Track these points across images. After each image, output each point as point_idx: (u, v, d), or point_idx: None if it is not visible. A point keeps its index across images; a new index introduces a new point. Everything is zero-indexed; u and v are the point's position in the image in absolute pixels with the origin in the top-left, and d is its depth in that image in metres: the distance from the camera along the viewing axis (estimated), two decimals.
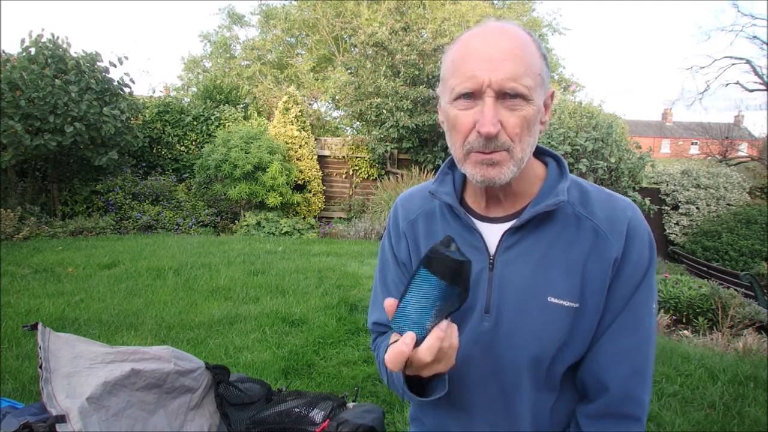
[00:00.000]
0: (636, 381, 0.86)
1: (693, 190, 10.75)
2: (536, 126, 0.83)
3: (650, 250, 0.86)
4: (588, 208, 0.88)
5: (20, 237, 6.62)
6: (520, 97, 0.78)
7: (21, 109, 6.75)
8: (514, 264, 0.87)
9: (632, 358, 0.86)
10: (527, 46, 0.80)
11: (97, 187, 8.18)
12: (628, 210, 0.87)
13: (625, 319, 0.85)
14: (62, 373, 1.25)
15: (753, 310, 5.01)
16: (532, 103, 0.79)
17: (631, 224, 0.86)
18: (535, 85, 0.80)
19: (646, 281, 0.86)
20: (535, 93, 0.80)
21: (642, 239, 0.86)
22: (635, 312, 0.86)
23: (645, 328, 0.86)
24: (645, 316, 0.86)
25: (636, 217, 0.87)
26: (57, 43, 7.48)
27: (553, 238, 0.87)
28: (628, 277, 0.85)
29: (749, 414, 2.50)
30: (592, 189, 0.92)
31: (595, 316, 0.86)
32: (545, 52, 0.84)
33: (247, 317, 3.76)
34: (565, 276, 0.85)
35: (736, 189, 10.92)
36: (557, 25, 22.14)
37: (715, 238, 10.21)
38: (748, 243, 9.93)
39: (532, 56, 0.80)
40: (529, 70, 0.79)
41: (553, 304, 0.85)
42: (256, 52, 19.35)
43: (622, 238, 0.84)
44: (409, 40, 9.64)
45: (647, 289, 0.86)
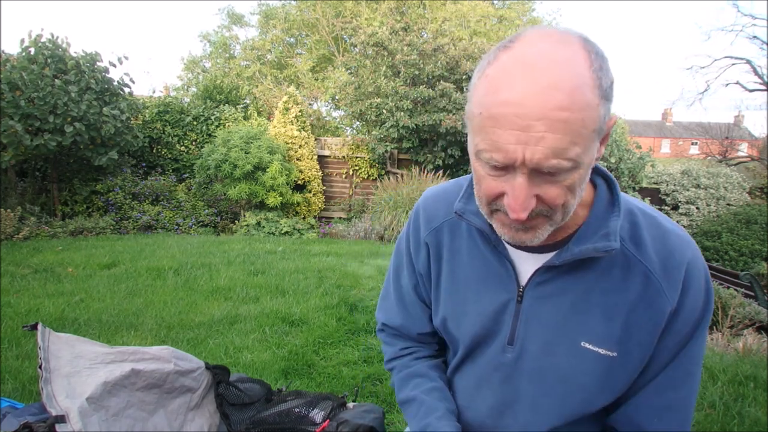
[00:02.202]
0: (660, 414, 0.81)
1: (693, 190, 10.76)
2: (585, 179, 0.68)
3: (707, 295, 0.76)
4: (641, 248, 0.75)
5: (20, 237, 6.62)
6: (565, 171, 0.63)
7: (21, 109, 6.75)
8: (547, 301, 0.79)
9: (678, 412, 0.81)
10: (579, 94, 0.60)
11: (97, 187, 8.18)
12: (687, 252, 0.75)
13: (674, 373, 0.78)
14: (62, 373, 1.25)
15: (753, 310, 5.01)
16: (580, 168, 0.64)
17: (689, 270, 0.74)
18: (587, 148, 0.63)
19: (699, 332, 0.77)
20: (587, 154, 0.63)
21: (699, 285, 0.75)
22: (685, 366, 0.78)
23: (693, 381, 0.80)
24: (694, 369, 0.80)
25: (695, 259, 0.76)
26: (57, 43, 7.48)
27: (596, 279, 0.76)
28: (680, 328, 0.76)
29: (749, 414, 2.50)
30: (644, 219, 0.78)
31: (638, 367, 0.79)
32: (607, 80, 0.63)
33: (247, 317, 3.76)
34: (605, 321, 0.76)
35: (736, 189, 10.93)
36: (557, 25, 22.10)
37: (715, 238, 10.22)
38: (748, 243, 9.94)
39: (585, 109, 0.60)
40: (580, 134, 0.61)
41: (587, 350, 0.77)
42: (255, 52, 19.35)
43: (678, 287, 0.74)
44: (409, 40, 9.65)
45: (699, 341, 0.78)
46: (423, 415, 0.90)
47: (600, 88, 0.61)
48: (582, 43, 0.63)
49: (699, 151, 24.87)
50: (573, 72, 0.60)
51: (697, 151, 27.18)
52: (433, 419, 0.88)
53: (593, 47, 0.64)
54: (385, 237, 8.07)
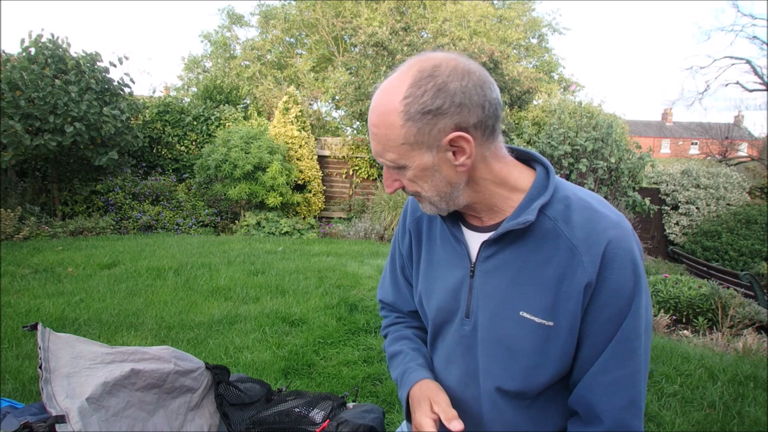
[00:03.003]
0: (630, 412, 0.84)
1: (693, 190, 10.75)
2: (437, 174, 0.84)
3: (634, 275, 0.81)
4: (569, 225, 0.84)
5: (20, 237, 6.62)
6: (396, 168, 0.86)
7: (21, 109, 6.75)
8: (493, 275, 0.89)
9: (625, 389, 0.84)
10: (387, 119, 0.81)
11: (97, 187, 8.18)
12: (610, 230, 0.82)
13: (617, 351, 0.83)
14: (62, 373, 1.25)
15: (753, 310, 5.01)
16: (408, 167, 0.84)
17: (609, 247, 0.81)
18: (402, 155, 0.83)
19: (633, 310, 0.82)
20: (406, 159, 0.83)
21: (622, 264, 0.81)
22: (626, 343, 0.83)
23: (637, 358, 0.84)
24: (636, 346, 0.83)
25: (619, 238, 0.82)
26: (57, 43, 7.48)
27: (530, 253, 0.86)
28: (609, 305, 0.82)
29: (749, 414, 2.51)
30: (578, 202, 0.87)
31: (570, 337, 0.85)
32: (417, 106, 0.79)
33: (247, 317, 3.76)
34: (539, 292, 0.85)
35: (736, 189, 10.92)
36: (557, 25, 22.12)
37: (715, 238, 10.22)
38: (748, 243, 9.94)
39: (391, 129, 0.81)
40: (388, 145, 0.83)
41: (526, 320, 0.86)
42: (255, 53, 19.35)
43: (597, 261, 0.81)
44: (409, 40, 9.66)
45: (635, 318, 0.83)
46: (405, 362, 1.05)
47: (406, 114, 0.79)
48: (414, 74, 0.80)
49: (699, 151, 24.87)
50: (387, 99, 0.81)
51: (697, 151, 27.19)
52: (412, 365, 1.03)
53: (420, 77, 0.79)
54: (385, 237, 8.07)
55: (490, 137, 0.84)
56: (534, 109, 10.48)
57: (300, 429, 1.54)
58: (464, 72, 0.80)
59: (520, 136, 9.56)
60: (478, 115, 0.81)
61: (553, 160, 9.18)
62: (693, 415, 2.48)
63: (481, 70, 0.84)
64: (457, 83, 0.79)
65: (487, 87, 0.82)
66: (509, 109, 9.76)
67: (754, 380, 2.85)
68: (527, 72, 11.49)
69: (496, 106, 0.84)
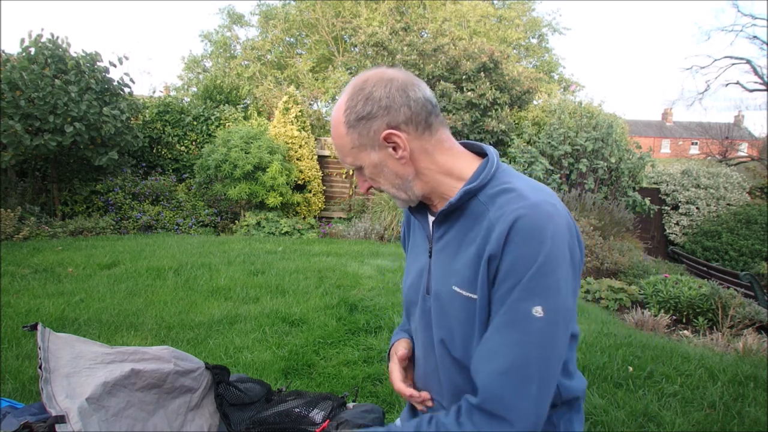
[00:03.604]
0: (505, 381, 0.83)
1: (693, 190, 10.75)
2: (386, 169, 0.98)
3: (540, 253, 0.83)
4: (494, 206, 0.91)
5: (20, 237, 6.62)
6: (357, 169, 1.02)
7: (21, 109, 6.74)
8: (440, 253, 1.00)
9: (501, 357, 0.84)
10: (337, 131, 0.98)
11: (97, 187, 8.18)
12: (522, 209, 0.86)
13: (500, 318, 0.86)
14: (62, 373, 1.25)
15: (753, 310, 5.02)
16: (364, 167, 1.00)
17: (517, 223, 0.85)
18: (355, 156, 0.98)
19: (526, 283, 0.83)
20: (359, 160, 0.99)
21: (525, 239, 0.84)
22: (510, 313, 0.85)
23: (520, 329, 0.84)
24: (521, 318, 0.84)
25: (529, 216, 0.85)
26: (57, 43, 7.47)
27: (464, 233, 0.95)
28: (508, 278, 0.85)
29: (749, 414, 2.50)
30: (511, 188, 0.92)
31: (488, 309, 0.90)
32: (353, 114, 0.95)
33: (247, 317, 3.76)
34: (466, 268, 0.92)
35: (736, 189, 10.92)
36: (557, 25, 22.11)
37: (715, 238, 10.22)
38: (748, 243, 9.94)
39: (341, 138, 0.98)
40: (343, 151, 0.99)
41: (456, 293, 0.94)
42: (256, 52, 19.34)
43: (503, 236, 0.85)
44: (409, 40, 9.65)
45: (527, 291, 0.84)
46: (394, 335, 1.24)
47: (347, 123, 0.96)
48: (350, 91, 0.97)
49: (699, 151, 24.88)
50: (335, 115, 0.98)
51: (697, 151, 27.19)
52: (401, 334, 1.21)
53: (354, 92, 0.95)
54: (385, 237, 8.07)
55: (425, 132, 0.96)
56: (534, 109, 10.48)
57: (300, 429, 1.54)
58: (387, 80, 0.95)
59: (520, 136, 9.56)
60: (405, 113, 0.94)
61: (553, 160, 9.18)
62: (693, 415, 2.48)
63: (406, 76, 0.97)
64: (381, 90, 0.94)
65: (410, 89, 0.95)
66: (509, 109, 9.76)
67: (754, 380, 2.85)
68: (527, 72, 11.48)
69: (423, 103, 0.95)
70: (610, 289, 5.69)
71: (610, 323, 4.18)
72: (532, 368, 0.83)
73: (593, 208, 8.06)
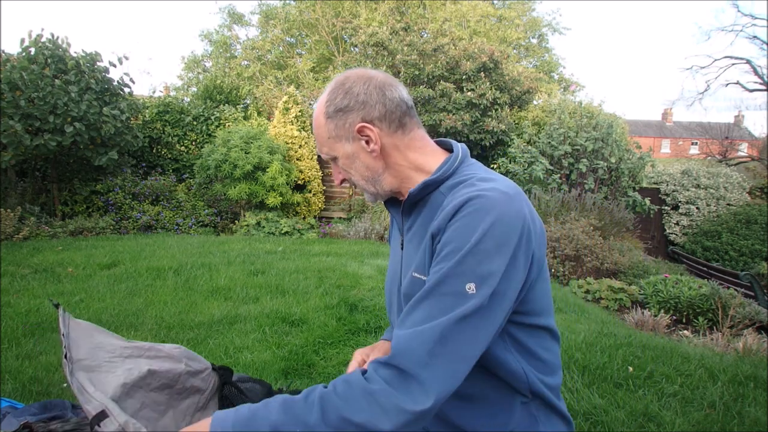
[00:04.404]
0: (413, 336, 0.82)
1: (693, 190, 10.76)
2: (358, 161, 1.03)
3: (478, 231, 0.84)
4: (452, 193, 0.95)
5: (20, 237, 6.62)
6: (331, 160, 1.07)
7: (21, 109, 6.74)
8: (409, 244, 1.05)
9: (414, 318, 0.84)
10: (317, 121, 1.04)
11: (97, 187, 8.18)
12: (471, 194, 0.88)
13: (430, 287, 0.86)
14: (83, 365, 1.24)
15: (753, 310, 5.02)
16: (338, 157, 1.05)
17: (463, 205, 0.87)
18: (331, 146, 1.04)
19: (457, 259, 0.84)
20: (334, 150, 1.04)
21: (468, 217, 0.86)
22: (442, 284, 0.84)
23: (434, 295, 0.84)
24: (452, 291, 0.83)
25: (474, 199, 0.87)
26: (57, 43, 7.47)
27: (426, 222, 0.99)
28: (443, 247, 0.87)
29: (749, 414, 2.50)
30: (470, 180, 0.95)
31: None
32: (332, 106, 1.01)
33: (247, 317, 3.76)
34: (422, 252, 0.96)
35: (736, 189, 10.92)
36: (557, 25, 22.14)
37: (715, 238, 10.22)
38: (748, 243, 9.93)
39: (320, 128, 1.04)
40: (321, 140, 1.05)
41: (415, 279, 0.97)
42: (256, 52, 19.34)
43: (449, 215, 0.89)
44: (409, 40, 9.65)
45: (455, 265, 0.84)
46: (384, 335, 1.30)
47: (326, 114, 1.02)
48: (332, 86, 1.03)
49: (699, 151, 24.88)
50: (317, 106, 1.05)
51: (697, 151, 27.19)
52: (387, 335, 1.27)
53: (335, 87, 1.02)
54: (385, 237, 8.07)
55: (398, 130, 1.02)
56: (534, 109, 10.47)
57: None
58: (366, 78, 1.01)
59: (520, 136, 9.56)
60: (380, 110, 1.00)
61: (553, 160, 9.18)
62: (693, 415, 2.48)
63: (385, 77, 1.03)
64: (360, 87, 1.00)
65: (387, 89, 1.01)
66: (509, 109, 9.76)
67: (754, 380, 2.85)
68: (527, 72, 11.48)
69: (398, 103, 1.01)
70: (610, 289, 5.69)
71: (610, 323, 4.18)
72: (439, 331, 0.81)
73: (593, 208, 8.06)
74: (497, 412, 0.97)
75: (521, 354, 0.96)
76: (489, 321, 0.84)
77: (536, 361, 0.98)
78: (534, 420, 0.98)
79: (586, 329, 3.67)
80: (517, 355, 0.96)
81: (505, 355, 0.95)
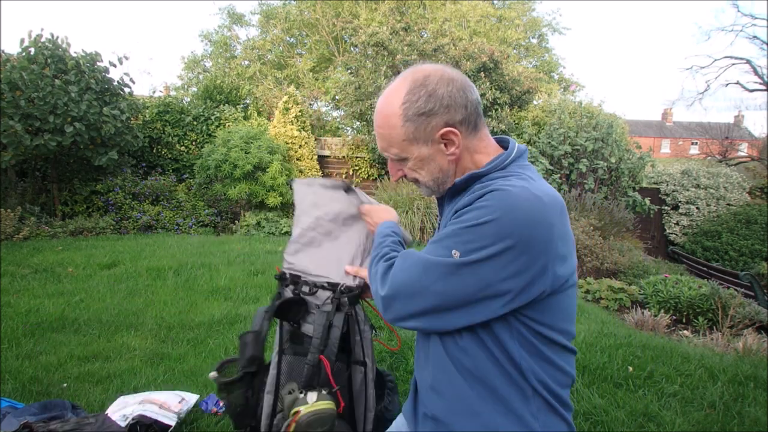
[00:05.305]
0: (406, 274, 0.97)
1: (693, 190, 10.75)
2: (432, 163, 1.04)
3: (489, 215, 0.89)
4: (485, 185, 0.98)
5: (20, 237, 6.62)
6: (398, 160, 1.06)
7: (21, 109, 6.74)
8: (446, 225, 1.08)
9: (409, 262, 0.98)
10: (389, 121, 1.01)
11: (97, 187, 8.18)
12: (502, 187, 0.93)
13: (434, 238, 0.99)
14: None
15: (753, 310, 5.01)
16: (408, 159, 1.04)
17: (490, 194, 0.92)
18: (404, 148, 1.03)
19: (457, 228, 0.92)
20: (407, 152, 1.03)
21: (487, 201, 0.91)
22: (437, 238, 0.97)
23: (434, 245, 0.96)
24: (441, 243, 0.94)
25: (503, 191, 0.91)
26: (57, 43, 7.47)
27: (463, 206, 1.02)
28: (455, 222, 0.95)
29: (749, 414, 2.51)
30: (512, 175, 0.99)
31: None
32: (414, 109, 0.99)
33: (247, 317, 3.76)
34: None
35: (736, 189, 10.92)
36: (557, 25, 22.14)
37: (715, 238, 10.21)
38: (748, 243, 9.93)
39: (393, 129, 1.01)
40: (392, 141, 1.03)
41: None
42: (256, 52, 19.34)
43: (473, 198, 0.94)
44: (409, 40, 9.65)
45: (453, 233, 0.93)
46: None
47: (404, 116, 0.99)
48: (409, 84, 0.99)
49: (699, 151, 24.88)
50: (388, 104, 1.01)
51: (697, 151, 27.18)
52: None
53: (414, 86, 0.99)
54: None
55: (473, 131, 1.03)
56: (534, 109, 10.47)
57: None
58: (449, 80, 0.99)
59: (520, 136, 9.56)
60: (462, 113, 1.00)
61: (553, 160, 9.17)
62: (693, 415, 2.48)
63: (463, 77, 1.02)
64: (443, 89, 0.98)
65: (468, 90, 1.01)
66: (509, 109, 9.76)
67: (754, 380, 2.85)
68: (527, 72, 11.48)
69: (476, 105, 1.02)
70: (610, 289, 5.69)
71: (610, 323, 4.18)
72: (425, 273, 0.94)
73: (593, 208, 8.06)
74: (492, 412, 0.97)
75: (531, 356, 0.97)
76: (458, 282, 0.91)
77: (547, 364, 0.98)
78: (533, 418, 0.98)
79: (586, 329, 3.67)
80: (523, 353, 0.96)
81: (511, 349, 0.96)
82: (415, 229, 8.06)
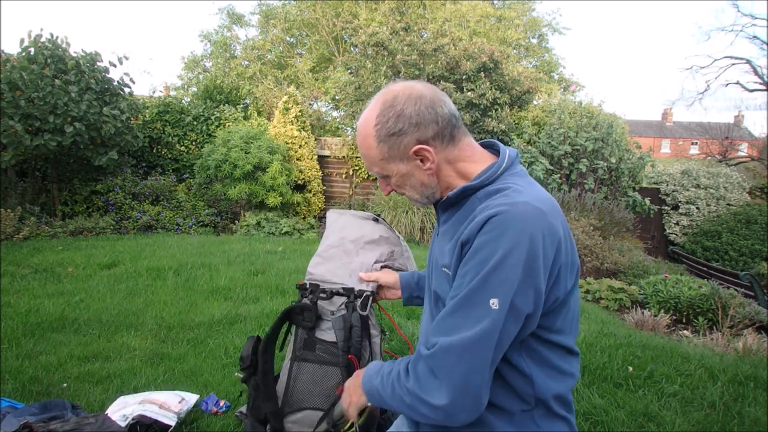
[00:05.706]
0: (434, 328, 0.95)
1: (693, 190, 10.75)
2: (412, 178, 1.06)
3: (502, 247, 0.88)
4: (487, 201, 0.98)
5: (20, 237, 6.62)
6: (382, 177, 1.10)
7: (21, 109, 6.74)
8: (442, 237, 1.09)
9: (447, 325, 0.92)
10: (366, 142, 1.05)
11: (97, 187, 8.18)
12: (502, 207, 0.91)
13: (459, 300, 0.92)
14: None
15: (753, 310, 5.01)
16: (391, 176, 1.08)
17: (493, 218, 0.90)
18: (383, 167, 1.07)
19: (483, 275, 0.89)
20: (387, 170, 1.07)
21: (492, 231, 0.89)
22: (469, 297, 0.90)
23: (474, 316, 0.89)
24: (476, 304, 0.89)
25: (505, 213, 0.90)
26: (56, 43, 7.47)
27: (459, 223, 1.02)
28: (469, 261, 0.92)
29: (749, 414, 2.51)
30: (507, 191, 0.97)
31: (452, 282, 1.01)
32: (385, 129, 1.01)
33: (247, 317, 3.76)
34: (451, 253, 1.00)
35: (736, 189, 10.91)
36: (557, 25, 22.12)
37: (715, 238, 10.21)
38: (748, 243, 9.93)
39: (370, 149, 1.05)
40: (372, 161, 1.07)
41: (444, 272, 1.03)
42: (256, 52, 19.33)
43: (477, 227, 0.92)
44: (409, 40, 9.64)
45: (482, 282, 0.89)
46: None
47: (378, 137, 1.03)
48: (380, 105, 1.02)
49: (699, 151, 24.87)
50: (364, 124, 1.05)
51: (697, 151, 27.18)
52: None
53: (384, 108, 1.01)
54: None
55: (449, 144, 1.03)
56: (534, 109, 10.47)
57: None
58: (417, 97, 1.00)
59: (520, 136, 9.55)
60: (433, 129, 1.01)
61: (553, 160, 9.17)
62: (693, 415, 2.48)
63: (433, 91, 1.03)
64: (411, 108, 1.00)
65: (437, 106, 1.01)
66: (509, 109, 9.75)
67: (754, 380, 2.85)
68: (527, 72, 11.47)
69: (449, 118, 1.02)
70: (610, 289, 5.69)
71: (610, 323, 4.18)
72: (460, 333, 0.90)
73: (593, 208, 8.05)
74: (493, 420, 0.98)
75: (534, 362, 0.98)
76: (508, 329, 0.90)
77: (549, 368, 0.99)
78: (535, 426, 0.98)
79: (586, 329, 3.67)
80: (529, 362, 0.97)
81: (516, 360, 0.97)
82: (415, 229, 8.06)
